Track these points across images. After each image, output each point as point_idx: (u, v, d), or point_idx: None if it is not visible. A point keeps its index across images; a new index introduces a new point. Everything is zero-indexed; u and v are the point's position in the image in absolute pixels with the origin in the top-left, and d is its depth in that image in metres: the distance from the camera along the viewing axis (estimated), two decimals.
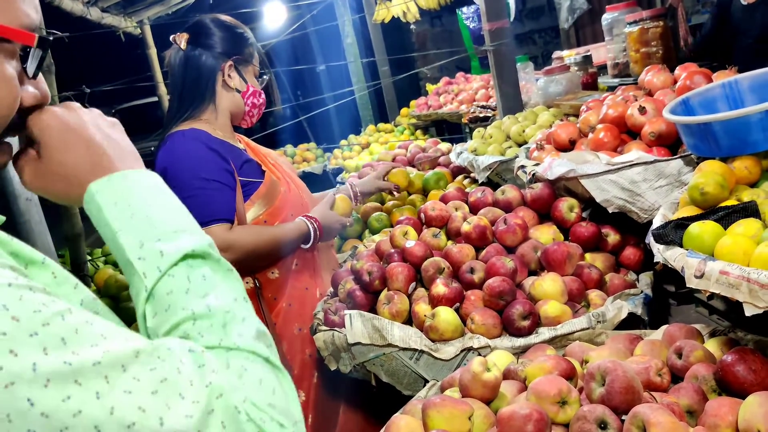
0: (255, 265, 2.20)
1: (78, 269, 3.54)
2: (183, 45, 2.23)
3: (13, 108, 0.79)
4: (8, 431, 0.55)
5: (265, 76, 2.35)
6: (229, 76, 2.25)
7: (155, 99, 5.44)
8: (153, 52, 4.86)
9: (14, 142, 0.85)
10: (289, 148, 6.26)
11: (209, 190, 2.09)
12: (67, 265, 3.60)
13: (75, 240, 3.55)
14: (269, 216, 2.22)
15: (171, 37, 2.28)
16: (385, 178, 2.87)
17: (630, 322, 1.72)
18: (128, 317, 2.97)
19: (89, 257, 3.70)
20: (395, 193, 2.90)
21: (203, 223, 2.06)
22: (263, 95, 2.34)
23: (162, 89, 5.06)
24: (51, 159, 0.83)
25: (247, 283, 2.21)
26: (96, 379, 0.60)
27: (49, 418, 0.57)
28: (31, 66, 0.82)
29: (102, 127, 0.87)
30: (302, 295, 2.26)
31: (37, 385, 0.57)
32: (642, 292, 1.83)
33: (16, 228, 2.53)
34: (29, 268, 0.72)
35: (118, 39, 4.54)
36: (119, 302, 3.06)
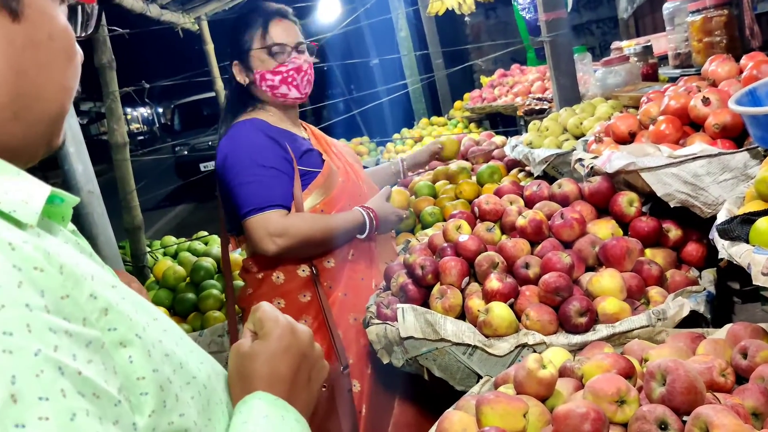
0: (310, 253, 2.23)
1: (138, 260, 3.63)
2: None
3: (75, 61, 0.79)
4: None
5: (276, 48, 2.25)
6: (243, 77, 2.30)
7: (212, 94, 5.52)
8: (210, 47, 4.93)
9: None
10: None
11: (267, 177, 2.14)
12: (127, 256, 3.69)
13: (135, 232, 3.65)
14: (326, 205, 2.24)
15: None
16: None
17: (691, 321, 1.67)
18: (185, 308, 3.03)
19: (149, 249, 3.79)
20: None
21: (260, 208, 2.11)
22: (282, 67, 2.25)
23: (219, 84, 5.13)
24: (261, 350, 0.87)
25: (303, 270, 2.25)
26: None
27: None
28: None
29: (306, 364, 0.90)
30: (358, 285, 2.28)
31: None
32: (704, 289, 1.77)
33: (78, 220, 2.60)
34: (110, 313, 0.66)
35: (177, 35, 4.62)
36: (176, 293, 3.12)
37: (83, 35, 0.83)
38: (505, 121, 5.83)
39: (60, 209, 0.73)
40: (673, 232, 1.97)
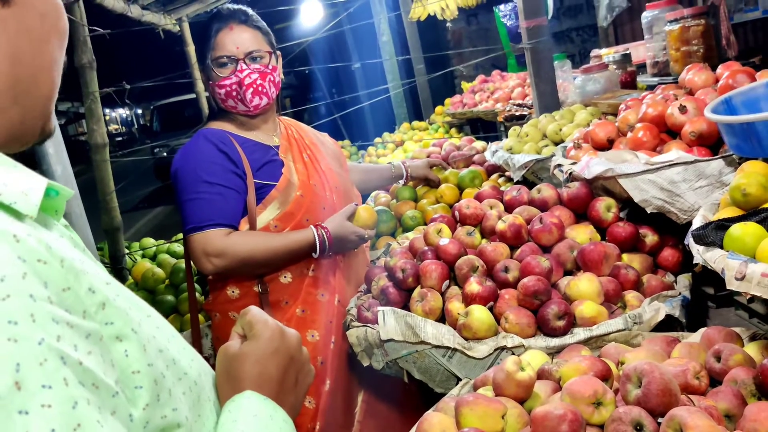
0: (253, 272, 2.17)
1: (116, 262, 3.60)
2: None
3: (65, 30, 0.79)
4: None
5: (222, 60, 2.17)
6: (206, 86, 2.27)
7: (192, 96, 5.49)
8: (191, 49, 4.90)
9: None
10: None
11: (211, 194, 2.09)
12: (105, 257, 3.66)
13: (114, 233, 3.61)
14: (280, 221, 2.17)
15: None
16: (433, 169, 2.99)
17: (667, 325, 1.70)
18: (163, 311, 3.02)
19: (127, 251, 3.76)
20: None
21: (200, 227, 2.06)
22: (226, 80, 2.17)
23: (199, 86, 5.11)
24: (250, 351, 0.88)
25: (257, 286, 2.19)
26: None
27: None
28: None
29: (294, 367, 0.91)
30: (316, 301, 2.22)
31: None
32: (680, 293, 1.80)
33: None
34: (107, 308, 0.67)
35: (158, 36, 4.60)
36: (155, 295, 3.10)
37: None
38: (485, 127, 5.86)
39: (54, 202, 0.74)
40: (650, 238, 2.00)
